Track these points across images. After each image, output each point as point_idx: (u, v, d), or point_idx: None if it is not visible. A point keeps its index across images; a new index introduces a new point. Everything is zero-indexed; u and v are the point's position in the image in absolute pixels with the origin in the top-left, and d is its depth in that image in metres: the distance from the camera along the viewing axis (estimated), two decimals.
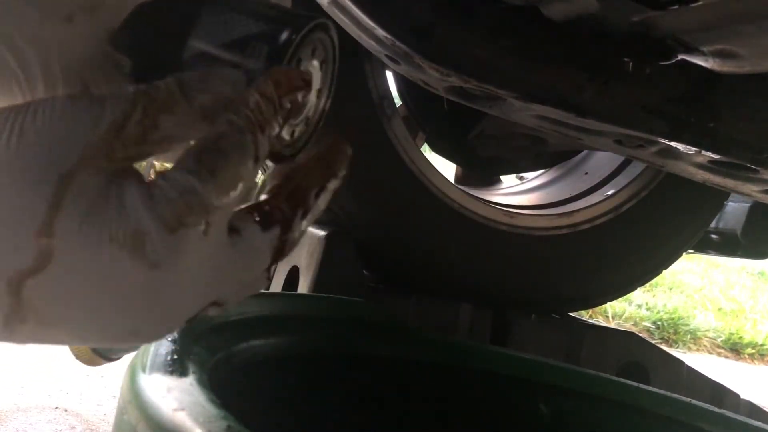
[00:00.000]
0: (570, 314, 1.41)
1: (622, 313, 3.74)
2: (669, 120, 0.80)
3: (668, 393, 0.90)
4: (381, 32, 0.80)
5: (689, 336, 3.85)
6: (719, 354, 3.85)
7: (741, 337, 4.01)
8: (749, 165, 0.81)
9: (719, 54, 0.69)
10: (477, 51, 0.79)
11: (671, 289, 4.52)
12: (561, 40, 0.79)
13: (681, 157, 0.86)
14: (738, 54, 0.67)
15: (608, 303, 2.67)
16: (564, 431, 0.89)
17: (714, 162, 0.84)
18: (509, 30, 0.79)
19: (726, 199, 1.45)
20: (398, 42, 0.79)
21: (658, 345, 1.58)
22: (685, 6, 0.64)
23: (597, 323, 1.49)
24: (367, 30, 0.82)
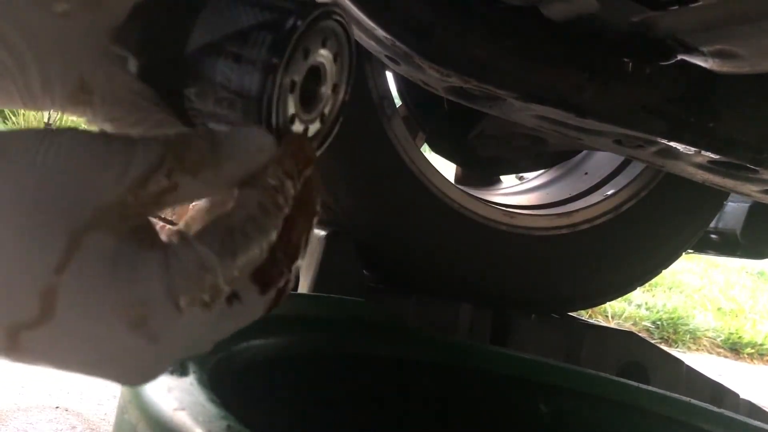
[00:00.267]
0: (570, 314, 1.41)
1: (622, 313, 3.74)
2: (669, 120, 0.80)
3: (668, 393, 0.90)
4: (381, 32, 0.80)
5: (689, 336, 3.86)
6: (719, 354, 3.85)
7: (740, 337, 4.01)
8: (749, 165, 0.81)
9: (719, 54, 0.69)
10: (477, 51, 0.79)
11: (671, 289, 4.52)
12: (561, 40, 0.79)
13: (681, 157, 0.86)
14: (737, 54, 0.67)
15: (608, 303, 2.68)
16: (564, 431, 0.89)
17: (714, 162, 0.84)
18: (509, 30, 0.79)
19: (726, 199, 1.45)
20: (398, 42, 0.79)
21: (658, 345, 1.58)
22: (685, 6, 0.64)
23: (597, 323, 1.49)
24: (367, 30, 0.82)
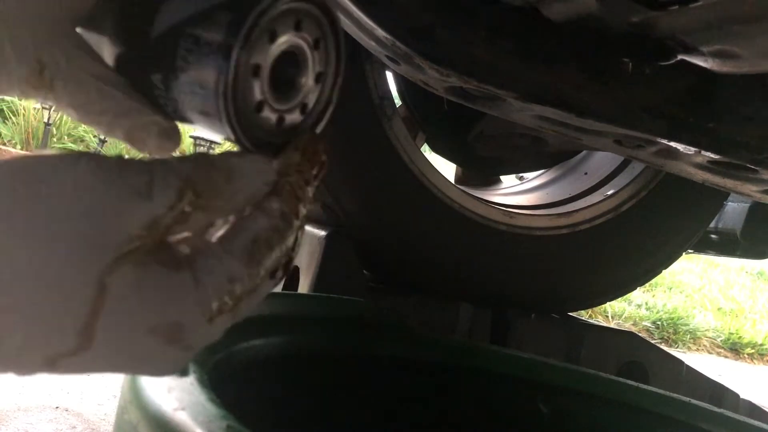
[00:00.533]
0: (570, 314, 1.41)
1: (622, 313, 3.75)
2: (669, 120, 0.80)
3: (668, 393, 0.90)
4: (381, 32, 0.80)
5: (689, 336, 3.86)
6: (719, 354, 3.85)
7: (740, 337, 4.01)
8: (749, 165, 0.81)
9: (719, 54, 0.69)
10: (477, 51, 0.79)
11: (671, 289, 4.52)
12: (561, 40, 0.79)
13: (680, 158, 0.86)
14: (737, 54, 0.67)
15: (608, 303, 2.68)
16: (564, 431, 0.89)
17: (713, 162, 0.84)
18: (509, 30, 0.79)
19: (725, 199, 1.45)
20: (398, 42, 0.79)
21: (658, 345, 1.58)
22: (685, 6, 0.64)
23: (597, 323, 1.49)
24: (367, 30, 0.82)
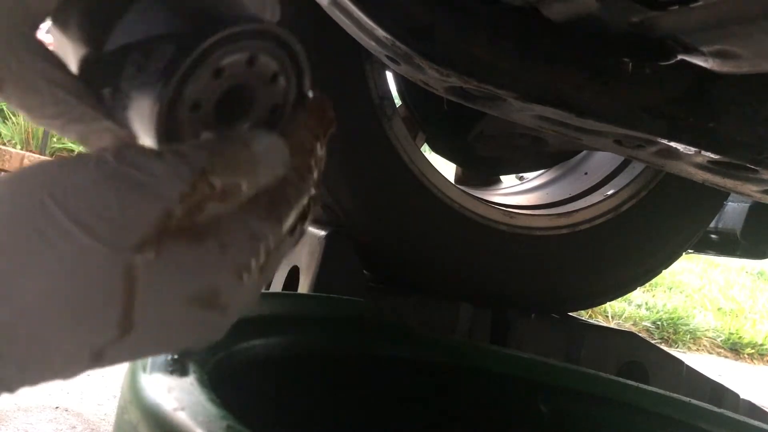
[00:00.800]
0: (570, 314, 1.41)
1: (622, 313, 3.75)
2: (669, 120, 0.80)
3: (668, 393, 0.90)
4: (381, 32, 0.80)
5: (689, 336, 3.86)
6: (719, 354, 3.85)
7: (740, 337, 4.01)
8: (749, 165, 0.81)
9: (719, 54, 0.69)
10: (477, 51, 0.79)
11: (671, 289, 4.52)
12: (561, 40, 0.79)
13: (680, 158, 0.86)
14: (737, 54, 0.67)
15: (608, 303, 2.68)
16: (564, 431, 0.89)
17: (714, 162, 0.84)
18: (509, 30, 0.79)
19: (725, 199, 1.45)
20: (398, 42, 0.79)
21: (658, 345, 1.58)
22: (685, 6, 0.64)
23: (597, 323, 1.49)
24: (367, 30, 0.82)
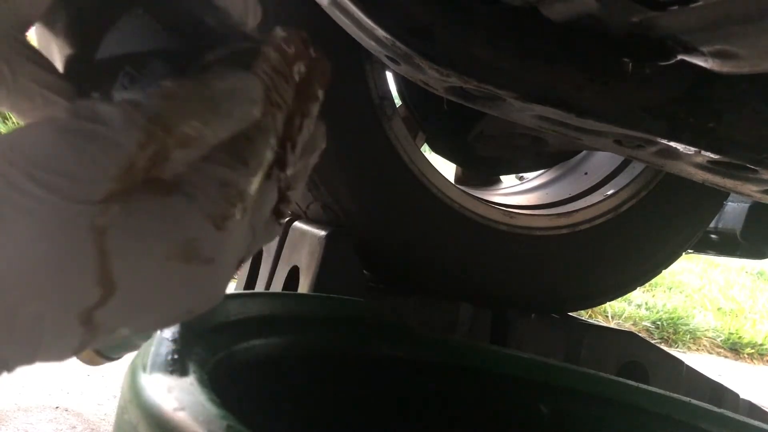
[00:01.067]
0: (570, 314, 1.41)
1: (622, 313, 3.74)
2: (669, 120, 0.80)
3: (668, 393, 0.90)
4: (381, 32, 0.80)
5: (689, 336, 3.86)
6: (719, 354, 3.85)
7: (740, 337, 4.01)
8: (749, 165, 0.81)
9: (719, 54, 0.69)
10: (477, 51, 0.79)
11: (671, 289, 4.52)
12: (561, 40, 0.79)
13: (680, 158, 0.86)
14: (737, 54, 0.67)
15: (608, 303, 2.68)
16: (564, 431, 0.89)
17: (713, 162, 0.84)
18: (509, 30, 0.79)
19: (725, 199, 1.45)
20: (398, 42, 0.79)
21: (658, 345, 1.58)
22: (685, 6, 0.64)
23: (597, 323, 1.49)
24: (367, 30, 0.82)
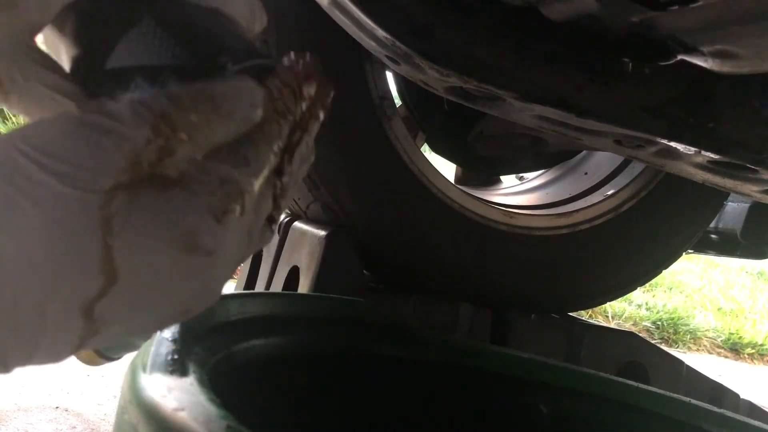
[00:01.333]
0: (570, 314, 1.41)
1: (622, 313, 3.74)
2: (669, 120, 0.80)
3: (668, 393, 0.90)
4: (381, 32, 0.80)
5: (689, 336, 3.85)
6: (719, 354, 3.85)
7: (741, 337, 4.01)
8: (749, 165, 0.81)
9: (719, 54, 0.69)
10: (477, 51, 0.79)
11: (671, 289, 4.52)
12: (561, 40, 0.79)
13: (680, 158, 0.86)
14: (737, 54, 0.67)
15: (608, 303, 2.68)
16: (564, 431, 0.89)
17: (714, 162, 0.84)
18: (509, 30, 0.79)
19: (725, 199, 1.45)
20: (398, 42, 0.79)
21: (658, 345, 1.58)
22: (685, 6, 0.64)
23: (597, 323, 1.49)
24: (367, 30, 0.82)
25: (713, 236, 1.54)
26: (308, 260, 1.12)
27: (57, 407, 1.38)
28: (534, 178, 1.61)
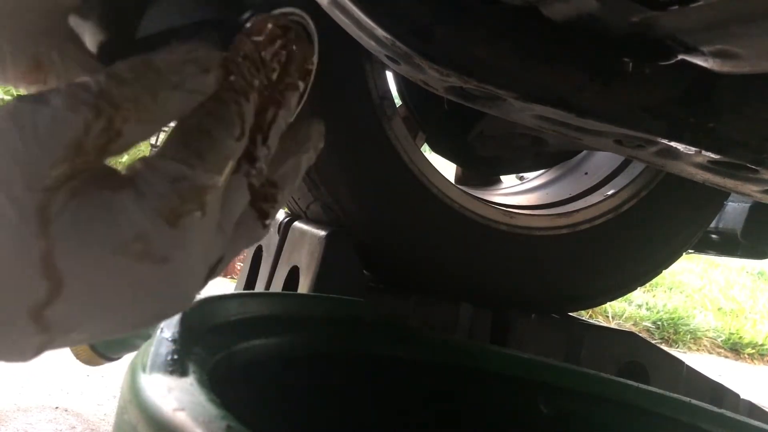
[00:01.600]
0: (570, 314, 1.41)
1: (622, 313, 3.74)
2: (669, 120, 0.80)
3: (668, 393, 0.90)
4: (381, 32, 0.80)
5: (689, 336, 3.86)
6: (719, 354, 3.85)
7: (741, 337, 4.01)
8: (749, 165, 0.81)
9: (719, 54, 0.69)
10: (477, 51, 0.79)
11: (671, 289, 4.52)
12: (561, 40, 0.79)
13: (681, 158, 0.86)
14: (738, 54, 0.67)
15: (608, 303, 2.68)
16: (564, 431, 0.89)
17: (714, 162, 0.84)
18: (509, 30, 0.79)
19: (726, 199, 1.45)
20: (398, 42, 0.79)
21: (658, 345, 1.58)
22: (685, 6, 0.64)
23: (597, 323, 1.49)
24: (367, 30, 0.82)
25: (714, 236, 1.54)
26: (308, 260, 1.12)
27: (57, 407, 1.37)
28: (534, 178, 1.61)
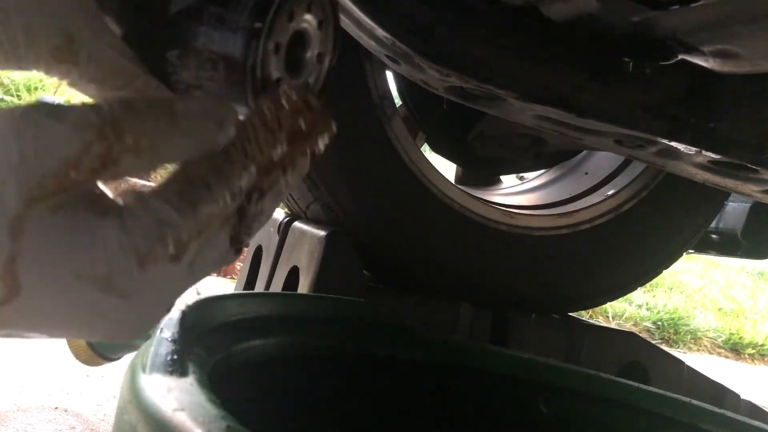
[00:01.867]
0: (570, 314, 1.41)
1: (622, 313, 3.74)
2: (669, 120, 0.80)
3: (668, 393, 0.89)
4: (381, 32, 0.80)
5: (689, 336, 3.85)
6: (719, 354, 3.85)
7: (741, 337, 4.01)
8: (749, 165, 0.81)
9: (719, 54, 0.69)
10: (477, 51, 0.79)
11: (671, 289, 4.52)
12: (561, 40, 0.79)
13: (681, 158, 0.86)
14: (738, 54, 0.67)
15: (609, 303, 2.68)
16: (564, 431, 0.89)
17: (714, 162, 0.84)
18: (509, 30, 0.79)
19: (726, 199, 1.45)
20: (398, 42, 0.79)
21: (659, 345, 1.58)
22: (685, 6, 0.64)
23: (597, 323, 1.49)
24: (367, 30, 0.82)
25: (714, 236, 1.54)
26: (308, 260, 1.12)
27: (56, 407, 1.37)
28: (534, 178, 1.61)
